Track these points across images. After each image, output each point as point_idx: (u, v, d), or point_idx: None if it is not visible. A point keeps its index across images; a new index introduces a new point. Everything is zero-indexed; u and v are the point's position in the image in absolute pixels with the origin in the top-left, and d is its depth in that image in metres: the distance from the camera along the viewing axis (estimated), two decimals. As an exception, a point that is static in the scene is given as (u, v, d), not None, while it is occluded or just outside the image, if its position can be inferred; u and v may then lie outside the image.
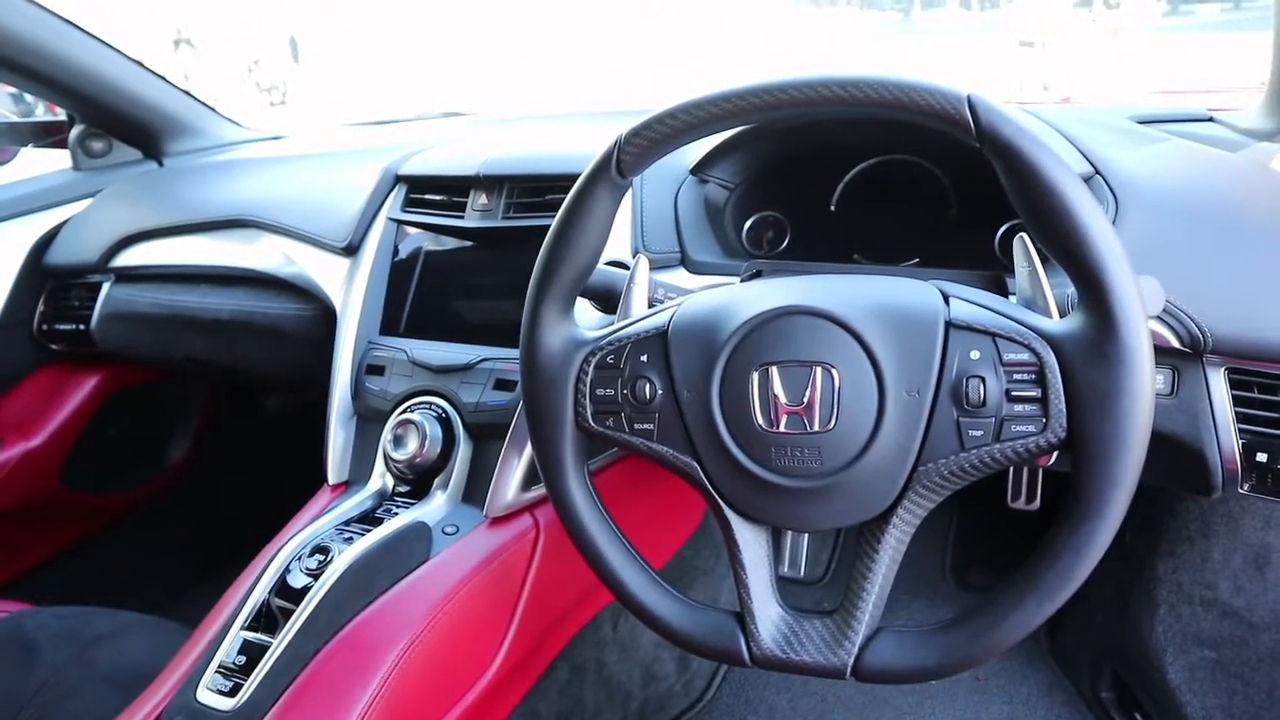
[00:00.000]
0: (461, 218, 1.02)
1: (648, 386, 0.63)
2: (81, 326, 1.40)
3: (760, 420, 0.59)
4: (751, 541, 0.63)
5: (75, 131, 1.46)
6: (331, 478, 1.01)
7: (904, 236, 0.93)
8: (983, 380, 0.55)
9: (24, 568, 1.45)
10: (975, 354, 0.56)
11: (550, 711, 1.00)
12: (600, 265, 0.77)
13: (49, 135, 1.50)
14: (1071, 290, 0.57)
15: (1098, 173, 0.81)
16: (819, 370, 0.58)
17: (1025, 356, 0.55)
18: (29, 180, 1.48)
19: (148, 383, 1.55)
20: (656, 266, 0.91)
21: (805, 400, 0.58)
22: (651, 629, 0.65)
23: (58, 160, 1.50)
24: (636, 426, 0.64)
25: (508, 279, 0.99)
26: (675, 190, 0.93)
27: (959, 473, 0.57)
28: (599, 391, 0.65)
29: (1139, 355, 0.51)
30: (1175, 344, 0.75)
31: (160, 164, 1.51)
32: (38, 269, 1.41)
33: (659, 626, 0.65)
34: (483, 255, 1.04)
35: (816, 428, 0.58)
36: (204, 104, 1.55)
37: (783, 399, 0.59)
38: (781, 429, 0.59)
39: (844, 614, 0.60)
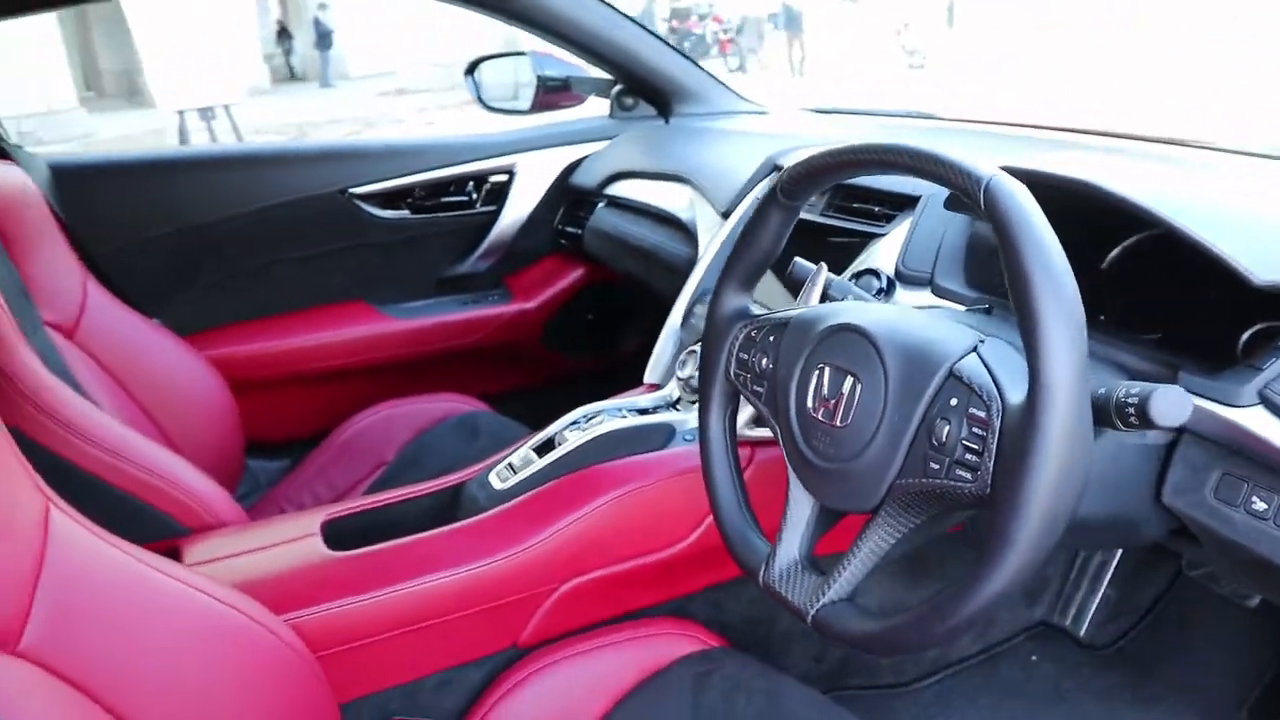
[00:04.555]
0: None
1: (765, 360, 0.83)
2: (579, 232, 1.91)
3: (810, 405, 0.76)
4: (800, 501, 0.79)
5: (615, 90, 1.95)
6: (646, 378, 1.33)
7: (1158, 310, 0.93)
8: (949, 424, 0.65)
9: (499, 389, 2.03)
10: (954, 401, 0.66)
11: (736, 610, 1.23)
12: (841, 279, 0.94)
13: (605, 90, 2.01)
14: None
15: None
16: (850, 378, 0.73)
17: (983, 414, 0.63)
18: (582, 120, 2.02)
19: (612, 284, 2.03)
20: (909, 283, 1.04)
21: (836, 398, 0.74)
22: (716, 525, 0.86)
23: (604, 108, 2.02)
24: (754, 388, 0.84)
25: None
26: (947, 222, 1.04)
27: (924, 495, 0.68)
28: (741, 355, 0.86)
29: (1050, 435, 0.58)
30: None
31: (666, 121, 1.93)
32: (564, 185, 1.94)
33: (720, 526, 0.85)
34: (801, 242, 1.25)
35: (837, 422, 0.73)
36: (713, 78, 1.93)
37: (825, 392, 0.75)
38: (818, 416, 0.75)
39: (829, 579, 0.75)
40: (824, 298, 0.92)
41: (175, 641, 0.77)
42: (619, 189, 1.79)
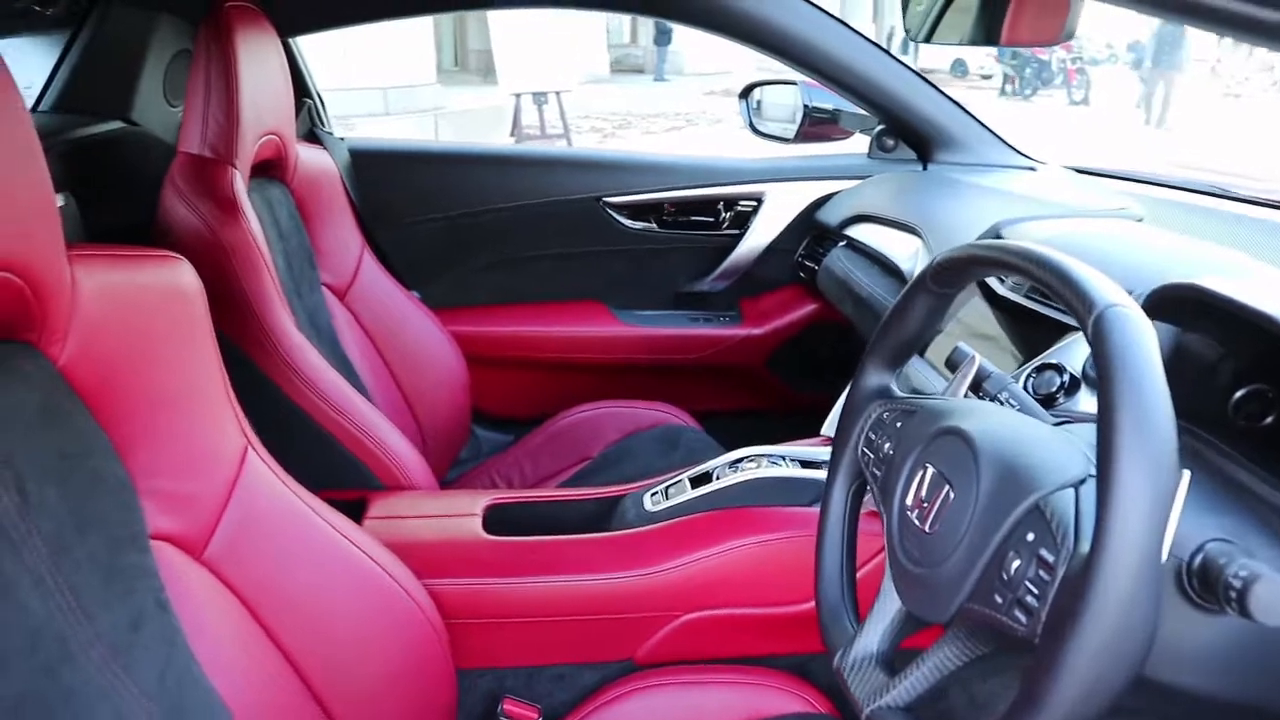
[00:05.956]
0: (1003, 283, 1.18)
1: (888, 445, 0.82)
2: (815, 267, 1.91)
3: (909, 503, 0.74)
4: (888, 596, 0.78)
5: (876, 129, 1.92)
6: (823, 430, 1.32)
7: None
8: (1019, 559, 0.61)
9: (712, 408, 2.04)
10: (1030, 536, 0.62)
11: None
12: (1001, 374, 0.90)
13: (872, 127, 1.98)
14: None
15: None
16: (947, 485, 0.70)
17: (1051, 559, 0.59)
18: (838, 156, 2.01)
19: (842, 325, 2.00)
20: (1095, 387, 0.96)
21: (930, 502, 0.71)
22: (815, 592, 0.86)
23: (863, 145, 1.99)
24: (874, 470, 0.83)
25: (994, 348, 1.14)
26: None
27: (988, 625, 0.64)
28: (870, 434, 0.85)
29: (1101, 599, 0.53)
30: None
31: (925, 167, 1.88)
32: (808, 219, 1.95)
33: (817, 597, 0.85)
34: (999, 318, 1.18)
35: (926, 527, 0.71)
36: (983, 125, 1.84)
37: (923, 494, 0.73)
38: (913, 517, 0.73)
39: (892, 682, 0.73)
40: (977, 389, 0.89)
41: (324, 582, 0.90)
42: (857, 231, 1.77)
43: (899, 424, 0.81)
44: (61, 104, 1.46)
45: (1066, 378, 0.97)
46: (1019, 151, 1.86)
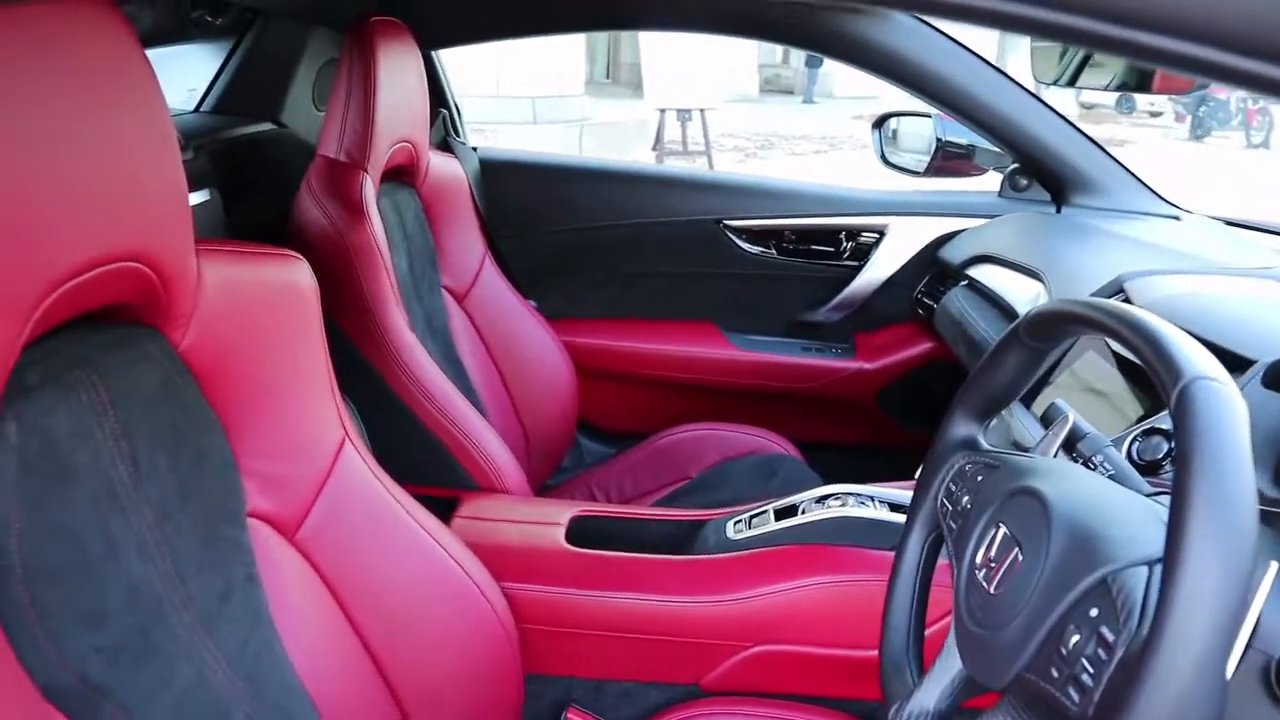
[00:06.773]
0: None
1: (966, 499, 0.79)
2: (935, 305, 1.86)
3: (978, 561, 0.72)
4: (950, 654, 0.76)
5: (1010, 168, 1.85)
6: (917, 473, 1.29)
7: None
8: (1079, 634, 0.59)
9: (815, 439, 1.99)
10: (1094, 611, 0.59)
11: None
12: (1097, 435, 0.87)
13: (1006, 165, 1.91)
14: None
15: None
16: (1016, 547, 0.68)
17: (1111, 638, 0.56)
18: (967, 193, 1.96)
19: (958, 366, 1.94)
20: None
21: (999, 563, 0.69)
22: (880, 640, 0.84)
23: (994, 183, 1.93)
24: (950, 524, 0.81)
25: (1106, 405, 1.09)
26: (1271, 401, 0.89)
27: (1042, 699, 0.61)
28: (950, 486, 0.83)
29: (1155, 689, 0.50)
30: None
31: (1058, 210, 1.80)
32: (930, 255, 1.90)
33: (881, 645, 0.84)
34: (1116, 374, 1.13)
35: (991, 588, 0.69)
36: (1125, 168, 1.76)
37: (992, 554, 0.70)
38: (980, 576, 0.71)
39: None
40: (1070, 450, 0.85)
41: (402, 574, 0.95)
42: (979, 272, 1.71)
43: (979, 478, 0.79)
44: (220, 106, 1.59)
45: (1174, 444, 0.92)
46: (1163, 198, 1.76)
